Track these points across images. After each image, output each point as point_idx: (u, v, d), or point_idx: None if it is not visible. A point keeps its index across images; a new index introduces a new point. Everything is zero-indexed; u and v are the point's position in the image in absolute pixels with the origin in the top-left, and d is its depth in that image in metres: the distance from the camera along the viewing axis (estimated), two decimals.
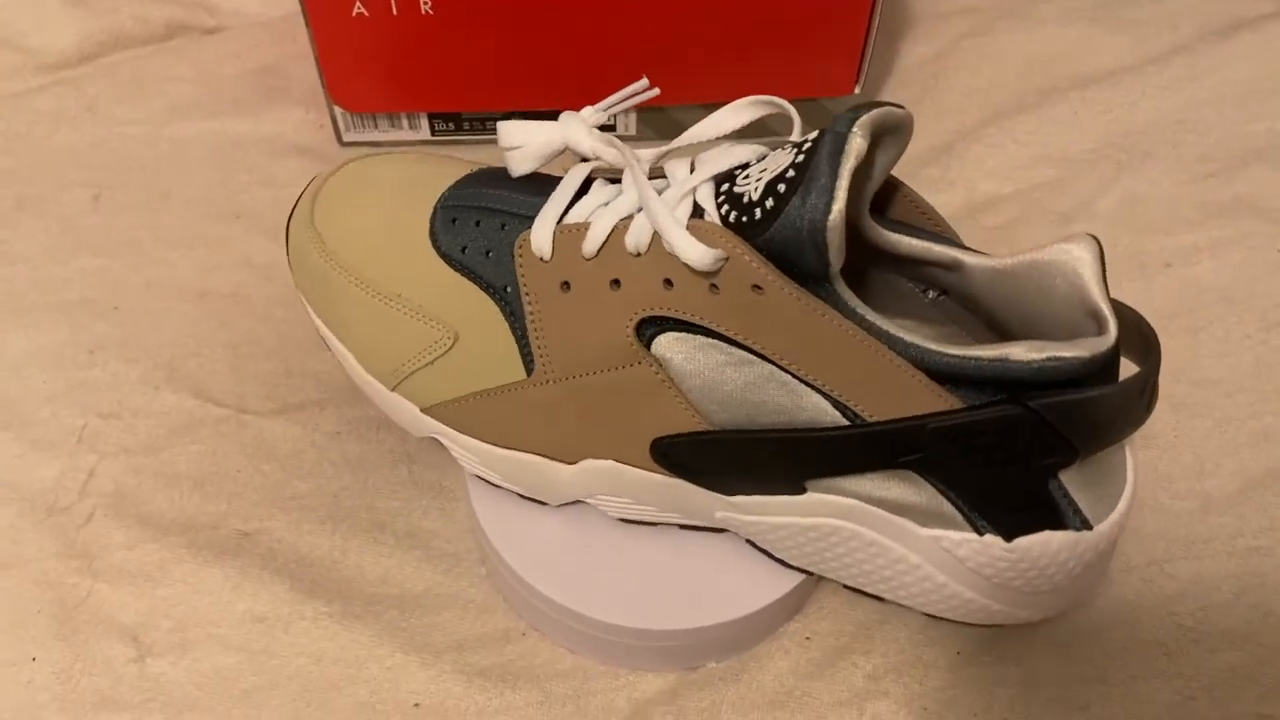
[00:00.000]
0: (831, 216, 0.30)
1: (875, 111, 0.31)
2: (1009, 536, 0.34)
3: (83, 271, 0.51)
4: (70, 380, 0.47)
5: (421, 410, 0.39)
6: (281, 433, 0.46)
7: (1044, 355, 0.31)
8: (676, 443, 0.35)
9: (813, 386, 0.33)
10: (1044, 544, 0.34)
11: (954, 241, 0.36)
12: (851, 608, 0.41)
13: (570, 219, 0.35)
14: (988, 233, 0.52)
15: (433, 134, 0.55)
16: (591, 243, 0.34)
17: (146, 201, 0.54)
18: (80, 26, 0.59)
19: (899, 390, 0.32)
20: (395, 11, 0.49)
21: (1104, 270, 0.32)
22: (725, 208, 0.32)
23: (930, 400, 0.32)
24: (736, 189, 0.33)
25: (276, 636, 0.40)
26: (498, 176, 0.39)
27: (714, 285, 0.32)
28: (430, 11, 0.49)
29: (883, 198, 0.36)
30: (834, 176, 0.30)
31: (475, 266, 0.37)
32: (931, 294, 0.38)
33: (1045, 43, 0.60)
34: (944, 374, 0.32)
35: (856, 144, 0.31)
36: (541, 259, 0.35)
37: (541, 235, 0.35)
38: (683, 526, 0.40)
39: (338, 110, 0.54)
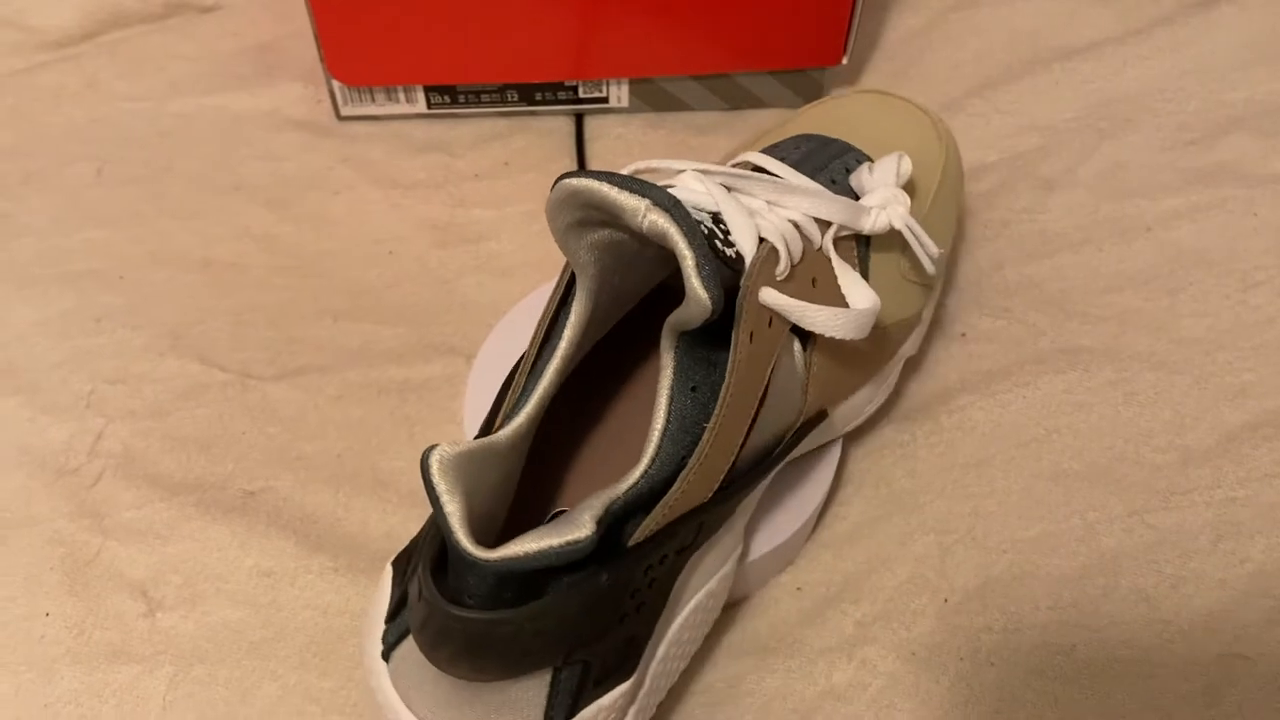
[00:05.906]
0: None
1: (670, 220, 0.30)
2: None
3: (88, 243, 0.52)
4: (78, 348, 0.48)
5: None
6: (285, 397, 0.47)
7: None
8: None
9: None
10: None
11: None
12: (840, 560, 0.42)
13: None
14: (973, 199, 0.54)
15: (428, 107, 0.56)
16: None
17: (149, 175, 0.55)
18: (80, 5, 0.60)
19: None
20: None
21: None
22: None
23: None
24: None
25: (283, 590, 0.41)
26: (832, 170, 0.42)
27: None
28: None
29: None
30: (622, 179, 0.31)
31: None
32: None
33: (1029, 15, 0.61)
34: None
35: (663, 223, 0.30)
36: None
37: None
38: None
39: (335, 84, 0.55)
